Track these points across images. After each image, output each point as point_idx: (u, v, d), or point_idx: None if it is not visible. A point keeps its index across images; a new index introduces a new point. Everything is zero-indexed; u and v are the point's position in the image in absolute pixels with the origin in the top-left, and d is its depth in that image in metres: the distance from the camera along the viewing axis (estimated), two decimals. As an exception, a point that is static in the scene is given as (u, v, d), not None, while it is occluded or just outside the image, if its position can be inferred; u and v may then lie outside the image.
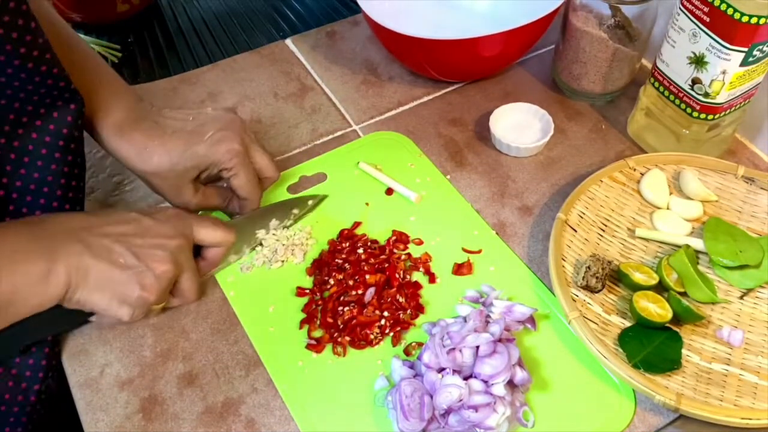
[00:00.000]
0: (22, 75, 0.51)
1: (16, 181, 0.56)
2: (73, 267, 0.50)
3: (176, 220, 0.57)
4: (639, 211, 0.68)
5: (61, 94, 0.55)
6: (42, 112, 0.55)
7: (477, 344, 0.54)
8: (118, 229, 0.54)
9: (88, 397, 0.58)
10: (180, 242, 0.56)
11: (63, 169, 0.58)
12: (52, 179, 0.58)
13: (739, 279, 0.63)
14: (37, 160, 0.56)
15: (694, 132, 0.70)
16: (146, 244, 0.54)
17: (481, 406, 0.52)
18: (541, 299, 0.63)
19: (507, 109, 0.77)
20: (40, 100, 0.54)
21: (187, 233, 0.57)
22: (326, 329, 0.60)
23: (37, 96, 0.54)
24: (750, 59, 0.62)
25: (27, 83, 0.52)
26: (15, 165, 0.56)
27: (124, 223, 0.55)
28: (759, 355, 0.58)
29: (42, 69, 0.52)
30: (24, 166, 0.56)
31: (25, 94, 0.53)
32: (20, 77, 0.51)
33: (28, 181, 0.57)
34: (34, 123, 0.55)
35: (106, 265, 0.52)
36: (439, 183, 0.73)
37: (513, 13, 0.81)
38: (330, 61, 0.88)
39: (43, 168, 0.57)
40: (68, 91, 0.56)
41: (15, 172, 0.56)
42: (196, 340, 0.61)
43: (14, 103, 0.53)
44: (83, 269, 0.51)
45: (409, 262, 0.65)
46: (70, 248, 0.51)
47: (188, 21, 1.02)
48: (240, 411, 0.56)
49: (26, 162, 0.56)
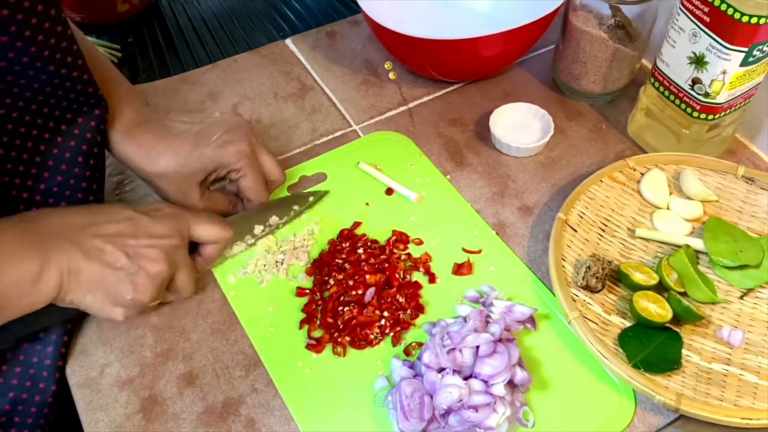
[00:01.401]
0: (55, 80, 0.52)
1: (40, 185, 0.57)
2: (65, 269, 0.50)
3: (172, 218, 0.57)
4: (639, 211, 0.68)
5: (87, 100, 0.56)
6: (69, 117, 0.56)
7: (477, 344, 0.54)
8: (112, 228, 0.53)
9: (88, 397, 0.58)
10: (175, 241, 0.55)
11: (85, 173, 0.59)
12: (74, 183, 0.58)
13: (739, 279, 0.63)
14: (61, 164, 0.57)
15: (694, 132, 0.70)
16: (140, 244, 0.53)
17: (481, 406, 0.52)
18: (541, 299, 0.63)
19: (507, 109, 0.77)
20: (68, 105, 0.55)
21: (183, 231, 0.57)
22: (326, 329, 0.60)
23: (66, 101, 0.54)
24: (750, 59, 0.62)
25: (58, 88, 0.53)
26: (39, 168, 0.56)
27: (119, 221, 0.54)
28: (759, 355, 0.58)
29: (74, 75, 0.53)
30: (48, 170, 0.56)
31: (56, 99, 0.53)
32: (53, 83, 0.52)
33: (51, 185, 0.57)
34: (59, 128, 0.56)
35: (98, 267, 0.51)
36: (439, 183, 0.73)
37: (513, 13, 0.81)
38: (330, 61, 0.88)
39: (66, 172, 0.57)
40: (95, 96, 0.56)
41: (39, 175, 0.56)
42: (196, 340, 0.61)
43: (44, 108, 0.53)
44: (75, 271, 0.50)
45: (409, 262, 0.65)
46: (63, 249, 0.50)
47: (188, 21, 1.02)
48: (240, 411, 0.56)
49: (50, 165, 0.56)
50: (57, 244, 0.50)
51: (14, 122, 0.52)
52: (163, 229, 0.55)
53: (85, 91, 0.55)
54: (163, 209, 0.57)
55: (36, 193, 0.57)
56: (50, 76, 0.51)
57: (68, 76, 0.52)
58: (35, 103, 0.52)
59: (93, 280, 0.51)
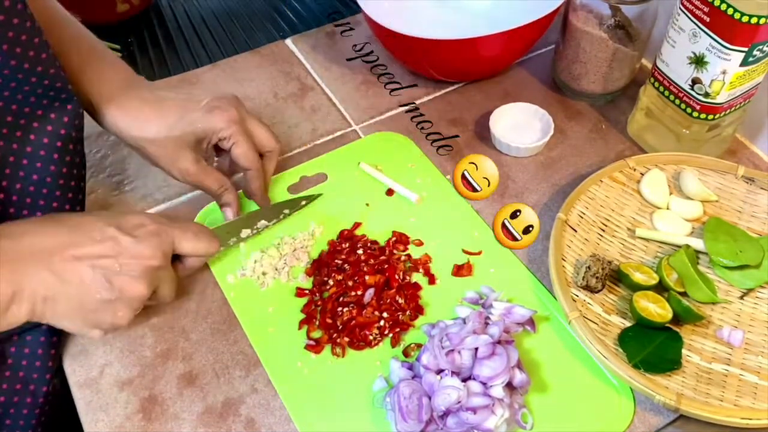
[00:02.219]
0: (19, 75, 0.51)
1: (16, 184, 0.56)
2: (39, 296, 0.49)
3: (156, 235, 0.54)
4: (639, 211, 0.68)
5: (57, 95, 0.55)
6: (39, 114, 0.55)
7: (476, 346, 0.54)
8: (93, 250, 0.51)
9: (88, 397, 0.58)
10: (158, 262, 0.53)
11: (62, 170, 0.58)
12: (51, 180, 0.57)
13: (739, 279, 0.63)
14: (36, 162, 0.56)
15: (694, 132, 0.70)
16: (122, 267, 0.51)
17: (480, 408, 0.52)
18: (541, 301, 0.63)
19: (507, 109, 0.77)
20: (37, 101, 0.54)
21: (166, 249, 0.55)
22: (325, 330, 0.60)
23: (34, 97, 0.53)
24: (750, 59, 0.62)
25: (24, 84, 0.52)
26: (14, 167, 0.55)
27: (100, 242, 0.51)
28: (759, 355, 0.58)
29: (38, 69, 0.52)
30: (22, 168, 0.56)
31: (22, 95, 0.52)
32: (17, 78, 0.51)
33: (28, 183, 0.56)
34: (31, 125, 0.55)
35: (76, 293, 0.50)
36: (439, 183, 0.73)
37: (513, 13, 0.81)
38: (330, 61, 0.88)
39: (42, 169, 0.57)
40: (65, 91, 0.56)
41: (14, 174, 0.55)
42: (196, 340, 0.61)
43: (11, 105, 0.53)
44: (51, 298, 0.49)
45: (409, 263, 0.65)
46: (38, 276, 0.49)
47: (188, 21, 1.02)
48: (240, 411, 0.56)
49: (25, 164, 0.56)
50: (32, 268, 0.49)
51: None
52: (146, 250, 0.53)
53: (54, 86, 0.54)
54: (146, 226, 0.54)
55: (12, 193, 0.56)
56: (13, 71, 0.50)
57: (32, 71, 0.51)
58: (1, 99, 0.51)
59: (70, 307, 0.50)
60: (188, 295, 0.63)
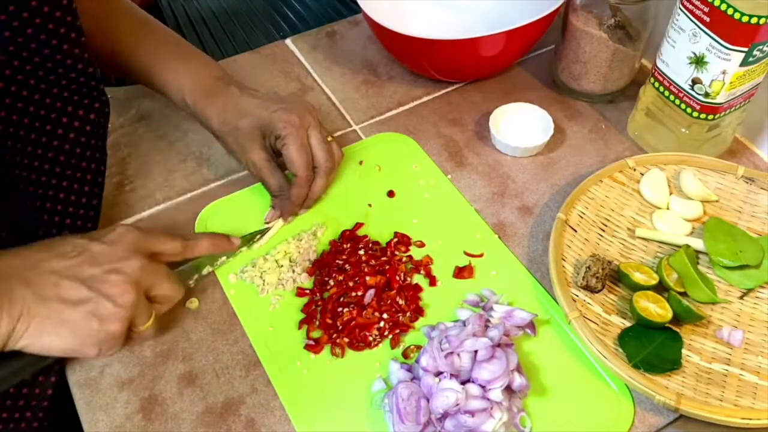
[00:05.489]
0: (60, 71, 0.53)
1: (41, 177, 0.57)
2: (15, 316, 0.47)
3: (126, 237, 0.53)
4: (639, 211, 0.68)
5: (89, 93, 0.57)
6: (69, 110, 0.57)
7: (475, 349, 0.54)
8: (66, 262, 0.50)
9: (88, 397, 0.58)
10: (136, 261, 0.52)
11: (81, 165, 0.60)
12: (70, 173, 0.59)
13: (739, 279, 0.63)
14: (60, 155, 0.58)
15: (694, 132, 0.70)
16: (99, 271, 0.50)
17: (478, 411, 0.52)
18: (542, 304, 0.62)
19: (507, 109, 0.77)
20: (69, 97, 0.56)
21: (141, 247, 0.53)
22: (325, 330, 0.60)
23: (68, 92, 0.55)
24: (750, 59, 0.62)
25: (62, 78, 0.54)
26: (40, 160, 0.57)
27: (72, 254, 0.51)
28: (759, 355, 0.58)
29: (78, 67, 0.54)
30: (47, 161, 0.57)
31: (58, 89, 0.54)
32: (57, 72, 0.53)
33: (50, 176, 0.58)
34: (60, 120, 0.56)
35: (56, 305, 0.48)
36: (442, 185, 0.72)
37: (513, 13, 0.81)
38: (330, 61, 0.88)
39: (64, 163, 0.58)
40: (96, 90, 0.58)
41: (40, 166, 0.57)
42: (196, 340, 0.61)
43: (46, 98, 0.54)
44: (29, 316, 0.48)
45: (410, 264, 0.65)
46: (14, 294, 0.47)
47: (188, 21, 1.02)
48: (240, 411, 0.56)
49: (49, 157, 0.57)
50: (6, 285, 0.48)
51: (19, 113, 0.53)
52: (120, 252, 0.52)
53: (88, 84, 0.56)
54: (116, 230, 0.54)
55: (33, 185, 0.57)
56: (56, 65, 0.52)
57: (73, 68, 0.54)
58: (38, 92, 0.53)
59: (52, 322, 0.48)
60: (188, 295, 0.63)
